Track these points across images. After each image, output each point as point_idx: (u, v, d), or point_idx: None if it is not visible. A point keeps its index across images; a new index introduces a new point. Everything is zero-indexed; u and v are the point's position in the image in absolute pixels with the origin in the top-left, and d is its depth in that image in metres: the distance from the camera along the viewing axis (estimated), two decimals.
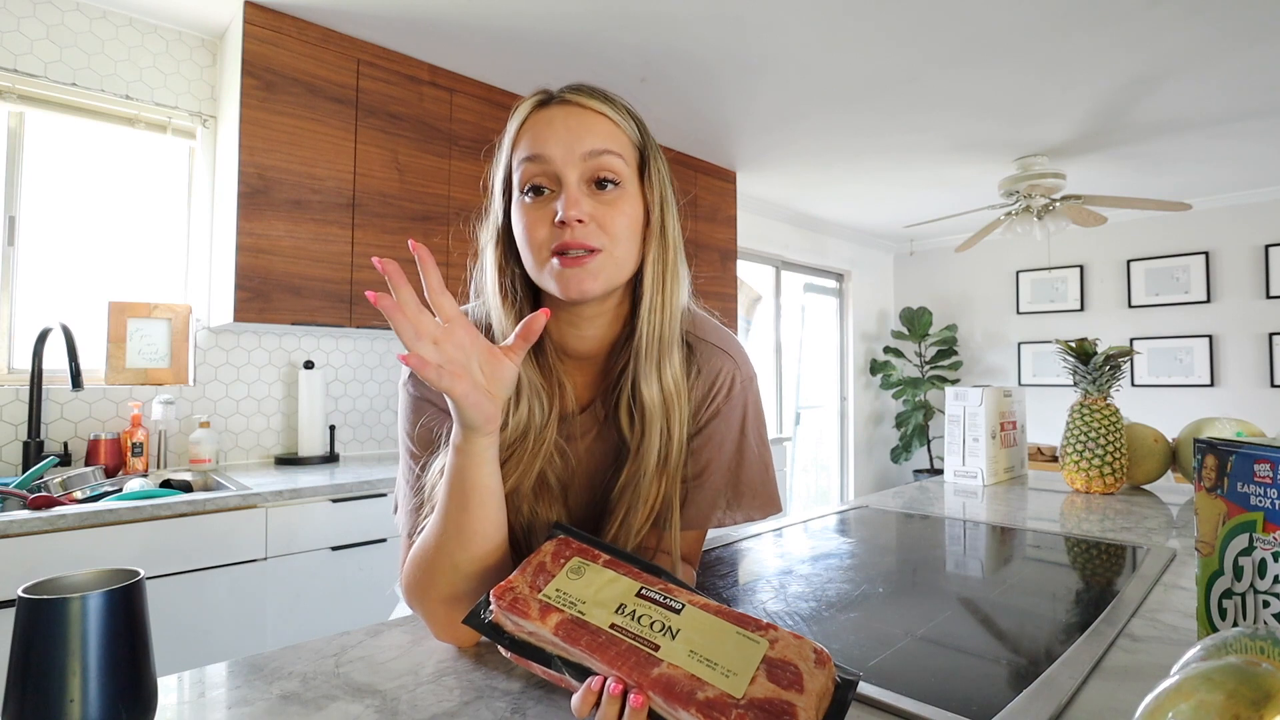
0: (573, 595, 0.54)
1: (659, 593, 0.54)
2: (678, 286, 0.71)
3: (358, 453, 2.53)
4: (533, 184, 0.66)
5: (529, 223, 0.66)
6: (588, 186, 0.66)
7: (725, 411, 0.76)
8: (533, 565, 0.58)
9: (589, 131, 0.66)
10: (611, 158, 0.66)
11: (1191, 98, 2.77)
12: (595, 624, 0.51)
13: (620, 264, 0.67)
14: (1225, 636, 0.40)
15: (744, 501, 0.77)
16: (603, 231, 0.65)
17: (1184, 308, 4.37)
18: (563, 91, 0.68)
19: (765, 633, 0.50)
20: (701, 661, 0.48)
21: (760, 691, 0.46)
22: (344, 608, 1.85)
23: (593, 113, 0.67)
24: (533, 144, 0.66)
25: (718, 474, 0.76)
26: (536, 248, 0.66)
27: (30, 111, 1.99)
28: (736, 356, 0.78)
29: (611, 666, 0.48)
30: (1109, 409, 1.53)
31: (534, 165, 0.65)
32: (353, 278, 2.18)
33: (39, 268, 2.02)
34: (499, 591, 0.55)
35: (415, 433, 0.70)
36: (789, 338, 4.80)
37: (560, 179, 0.65)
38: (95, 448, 1.93)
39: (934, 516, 1.34)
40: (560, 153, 0.65)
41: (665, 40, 2.30)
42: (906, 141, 3.29)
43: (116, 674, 0.45)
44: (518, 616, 0.53)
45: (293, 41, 2.08)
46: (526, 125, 0.67)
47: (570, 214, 0.63)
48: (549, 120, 0.66)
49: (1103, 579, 0.92)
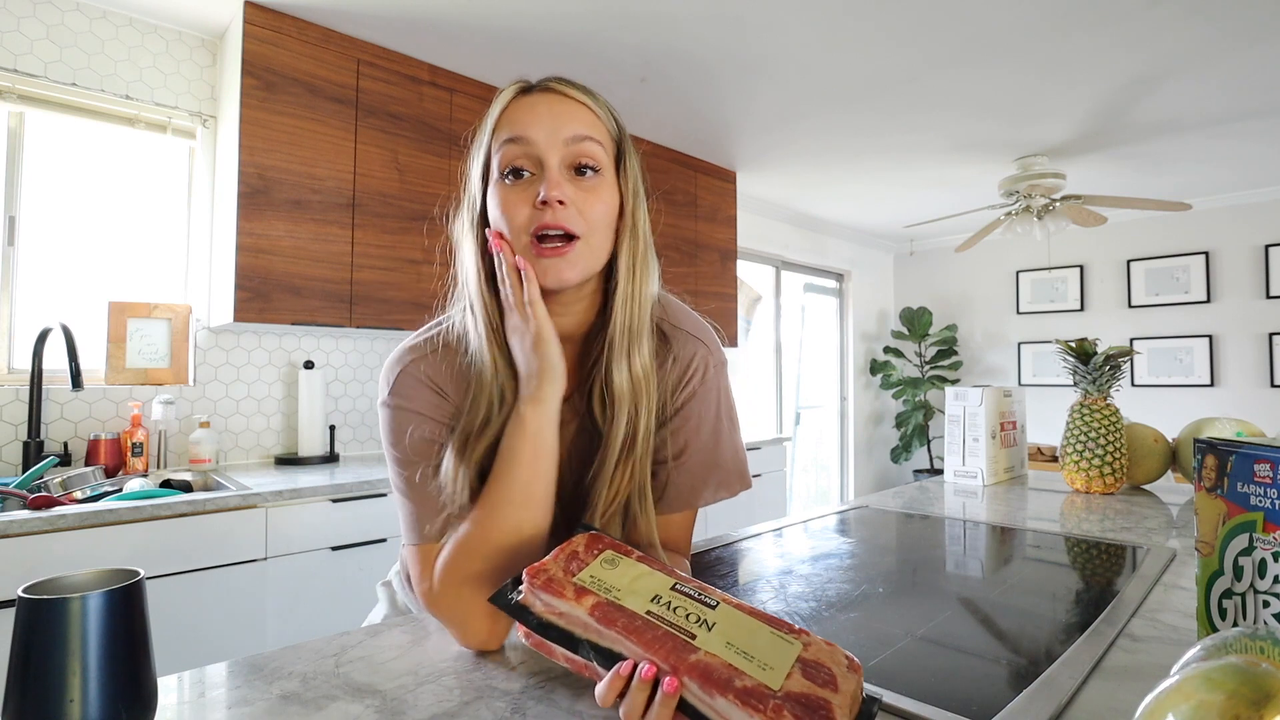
0: (608, 582, 0.54)
1: (694, 589, 0.55)
2: (648, 277, 0.73)
3: (358, 453, 2.53)
4: (514, 166, 0.66)
5: (509, 203, 0.66)
6: (568, 172, 0.67)
7: (701, 394, 0.78)
8: (565, 553, 0.58)
9: (572, 118, 0.67)
10: (593, 145, 0.67)
11: (1191, 98, 2.77)
12: (632, 608, 0.51)
13: (595, 252, 0.68)
14: (1225, 636, 0.40)
15: (720, 480, 0.80)
16: (581, 217, 0.66)
17: (1184, 308, 4.37)
18: (544, 80, 0.70)
19: (799, 636, 0.50)
20: (739, 653, 0.48)
21: (797, 686, 0.46)
22: (344, 608, 1.85)
23: (574, 101, 0.68)
24: (515, 127, 0.66)
25: (696, 454, 0.78)
26: (516, 230, 0.66)
27: (30, 111, 1.99)
28: (709, 343, 0.81)
29: (648, 650, 0.48)
30: (1109, 409, 1.53)
31: (516, 147, 0.66)
32: (353, 278, 2.18)
33: (39, 268, 2.02)
34: (533, 571, 0.55)
35: (408, 444, 0.70)
36: (789, 338, 4.80)
37: (542, 162, 0.66)
38: (95, 448, 1.93)
39: (934, 516, 1.34)
40: (543, 136, 0.66)
41: (665, 40, 2.30)
42: (906, 141, 3.29)
43: (116, 674, 0.45)
44: (551, 596, 0.53)
45: (293, 41, 2.08)
46: (509, 110, 0.68)
47: (553, 194, 0.64)
48: (532, 105, 0.67)
49: (1103, 579, 0.92)
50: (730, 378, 0.84)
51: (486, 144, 0.69)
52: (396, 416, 0.71)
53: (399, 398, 0.71)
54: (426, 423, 0.70)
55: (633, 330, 0.71)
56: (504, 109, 0.68)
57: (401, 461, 0.70)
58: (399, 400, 0.71)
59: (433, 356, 0.73)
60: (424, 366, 0.72)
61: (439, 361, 0.72)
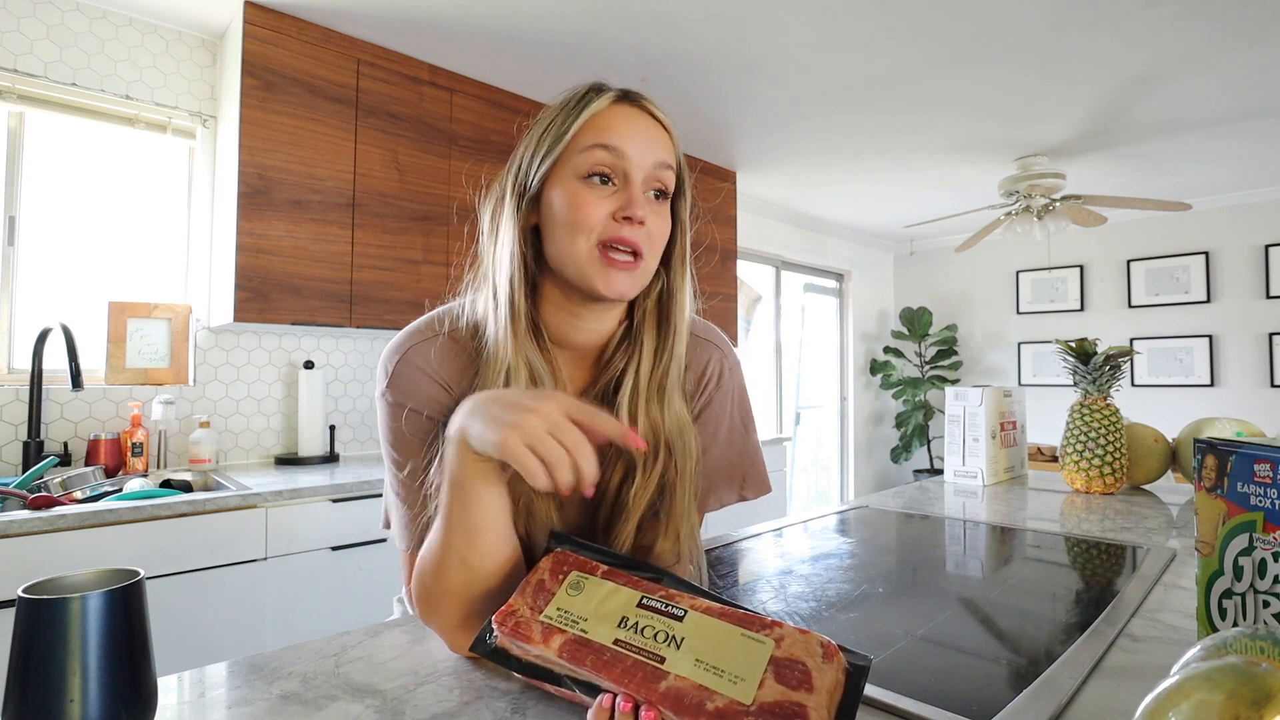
0: (574, 613, 0.54)
1: (660, 600, 0.54)
2: (689, 305, 0.75)
3: (358, 453, 2.53)
4: (600, 171, 0.66)
5: (588, 203, 0.65)
6: (647, 193, 0.68)
7: (717, 399, 0.79)
8: (532, 585, 0.58)
9: (659, 143, 0.68)
10: (670, 173, 0.69)
11: (1191, 98, 2.77)
12: (599, 642, 0.52)
13: (650, 273, 0.70)
14: (1225, 636, 0.40)
15: (738, 484, 0.81)
16: (649, 239, 0.67)
17: (1184, 308, 4.37)
18: (636, 96, 0.70)
19: (770, 631, 0.50)
20: (708, 670, 0.48)
21: (770, 695, 0.46)
22: (344, 608, 1.85)
23: (662, 127, 0.70)
24: (610, 135, 0.66)
25: (713, 459, 0.78)
26: (586, 229, 0.65)
27: (30, 111, 1.99)
28: (721, 345, 0.81)
29: (619, 684, 0.48)
30: (1109, 409, 1.53)
31: (608, 154, 0.66)
32: (353, 278, 2.18)
33: (39, 268, 2.02)
34: (500, 617, 0.55)
35: (403, 440, 0.68)
36: (789, 338, 4.80)
37: (628, 176, 0.66)
38: (95, 448, 1.92)
39: (934, 516, 1.34)
40: (636, 154, 0.66)
41: (665, 40, 2.30)
42: (906, 141, 3.29)
43: (116, 674, 0.45)
44: (522, 641, 0.53)
45: (293, 41, 2.08)
46: (603, 116, 0.67)
47: (638, 213, 0.65)
48: (630, 119, 0.67)
49: (1103, 579, 0.92)
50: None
51: (567, 139, 0.67)
52: (393, 410, 0.69)
53: (396, 390, 0.69)
54: (424, 418, 0.68)
55: (679, 357, 0.73)
56: (597, 114, 0.67)
57: (395, 460, 0.69)
58: (396, 393, 0.69)
59: (436, 343, 0.70)
60: (426, 354, 0.69)
61: (443, 349, 0.70)
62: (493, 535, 0.60)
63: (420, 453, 0.68)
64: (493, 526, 0.60)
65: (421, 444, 0.68)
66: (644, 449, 0.64)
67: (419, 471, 0.67)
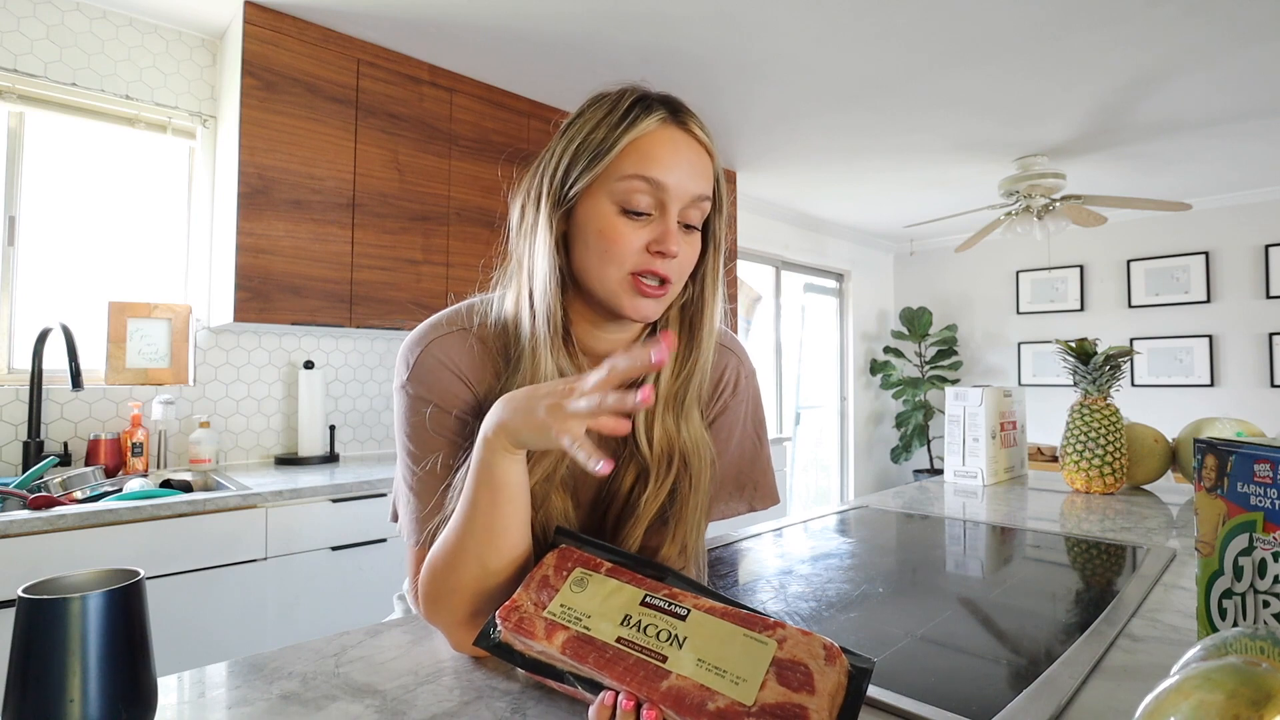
0: (577, 610, 0.54)
1: (664, 599, 0.54)
2: (717, 323, 0.75)
3: (358, 453, 2.53)
4: (637, 207, 0.65)
5: (623, 237, 0.65)
6: (680, 224, 0.67)
7: (733, 406, 0.79)
8: (536, 580, 0.58)
9: (700, 174, 0.67)
10: (706, 204, 0.69)
11: (1191, 97, 2.77)
12: (601, 639, 0.52)
13: (674, 295, 0.70)
14: (1225, 636, 0.40)
15: (747, 493, 0.81)
16: (678, 267, 0.67)
17: (1184, 308, 4.37)
18: (684, 117, 0.68)
19: (773, 632, 0.50)
20: (710, 670, 0.48)
21: (771, 696, 0.46)
22: (344, 608, 1.85)
23: (705, 152, 0.68)
24: (652, 167, 0.64)
25: (724, 467, 0.78)
26: (619, 259, 0.65)
27: (30, 111, 1.99)
28: (738, 352, 0.82)
29: (621, 682, 0.48)
30: (1109, 409, 1.53)
31: (647, 189, 0.64)
32: (353, 278, 2.18)
33: (39, 268, 2.02)
34: (504, 613, 0.55)
35: (421, 434, 0.68)
36: (789, 338, 4.80)
37: (665, 208, 0.66)
38: (95, 448, 1.92)
39: (934, 516, 1.34)
40: (674, 184, 0.65)
41: (665, 40, 2.30)
42: (906, 141, 3.29)
43: (116, 674, 0.45)
44: (525, 637, 0.53)
45: (293, 41, 2.08)
46: (649, 140, 0.65)
47: (671, 248, 0.65)
48: (674, 148, 0.66)
49: (1103, 579, 0.92)
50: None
51: (608, 160, 0.65)
52: (413, 402, 0.68)
53: (417, 383, 0.68)
54: (444, 413, 0.68)
55: (703, 370, 0.73)
56: (643, 136, 0.65)
57: (412, 454, 0.68)
58: (417, 385, 0.68)
59: (461, 336, 0.69)
60: (449, 348, 0.68)
61: (467, 343, 0.69)
62: (514, 535, 0.61)
63: (437, 447, 0.68)
64: (516, 527, 0.61)
65: (439, 438, 0.68)
66: (673, 346, 0.66)
67: (435, 467, 0.67)
